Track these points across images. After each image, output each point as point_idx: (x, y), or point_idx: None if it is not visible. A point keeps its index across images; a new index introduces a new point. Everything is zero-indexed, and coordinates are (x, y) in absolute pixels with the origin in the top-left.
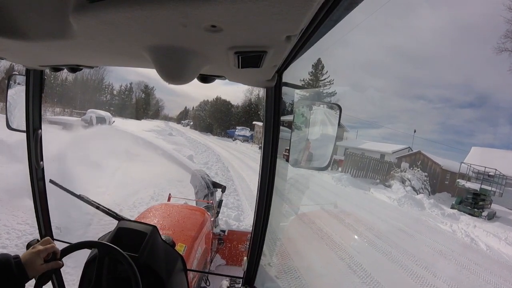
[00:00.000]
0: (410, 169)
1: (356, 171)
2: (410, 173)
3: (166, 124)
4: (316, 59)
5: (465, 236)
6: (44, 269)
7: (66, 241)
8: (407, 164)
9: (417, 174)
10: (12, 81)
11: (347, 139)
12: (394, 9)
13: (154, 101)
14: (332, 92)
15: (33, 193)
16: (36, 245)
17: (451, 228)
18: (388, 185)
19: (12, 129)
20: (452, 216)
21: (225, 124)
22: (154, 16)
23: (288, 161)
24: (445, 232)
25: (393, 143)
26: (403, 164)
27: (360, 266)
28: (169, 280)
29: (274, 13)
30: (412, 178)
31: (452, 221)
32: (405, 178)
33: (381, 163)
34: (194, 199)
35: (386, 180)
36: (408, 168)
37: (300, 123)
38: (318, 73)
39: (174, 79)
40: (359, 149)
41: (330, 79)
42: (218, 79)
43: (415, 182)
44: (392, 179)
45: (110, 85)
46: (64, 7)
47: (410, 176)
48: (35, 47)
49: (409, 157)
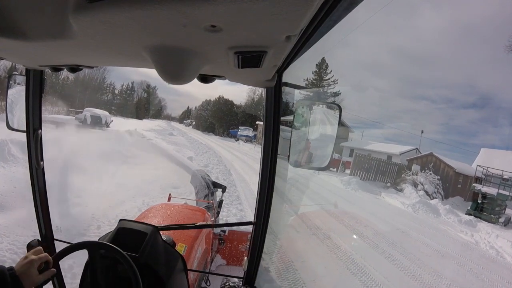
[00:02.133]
0: (422, 172)
1: (365, 173)
2: (423, 177)
3: (168, 124)
4: (317, 59)
5: (489, 248)
6: (40, 279)
7: (66, 241)
8: (418, 166)
9: (430, 178)
10: (12, 81)
11: (352, 139)
12: (397, 9)
13: (156, 101)
14: (336, 92)
15: (33, 193)
16: (28, 254)
17: (473, 238)
18: (400, 189)
19: (12, 129)
20: (469, 223)
21: (228, 124)
22: (154, 16)
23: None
24: (468, 244)
25: (399, 144)
26: (414, 166)
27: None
28: (169, 280)
29: (274, 13)
30: (424, 181)
31: (470, 229)
32: (417, 182)
33: (391, 165)
34: (195, 199)
35: (397, 183)
36: (420, 171)
37: (300, 123)
38: (322, 73)
39: (174, 79)
40: (365, 150)
41: (334, 79)
42: (218, 79)
43: (427, 186)
44: (403, 182)
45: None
46: (64, 7)
47: (423, 179)
48: (35, 47)
49: (420, 159)
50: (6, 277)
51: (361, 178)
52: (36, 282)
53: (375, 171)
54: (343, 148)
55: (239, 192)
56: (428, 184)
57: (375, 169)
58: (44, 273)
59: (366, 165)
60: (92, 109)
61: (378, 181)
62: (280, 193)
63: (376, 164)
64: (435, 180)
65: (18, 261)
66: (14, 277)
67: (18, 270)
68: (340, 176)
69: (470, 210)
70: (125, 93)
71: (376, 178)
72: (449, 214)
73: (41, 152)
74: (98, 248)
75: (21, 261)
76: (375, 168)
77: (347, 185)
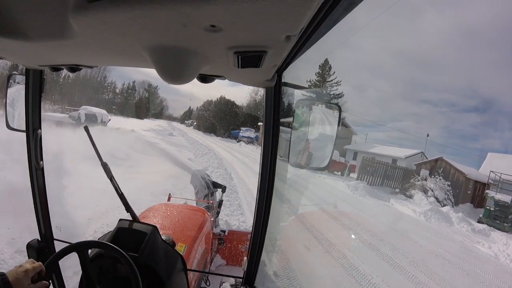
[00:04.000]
0: (431, 177)
1: (372, 178)
2: (432, 182)
3: (169, 124)
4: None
5: (510, 261)
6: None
7: (66, 241)
8: (427, 171)
9: (440, 183)
10: (12, 81)
11: (356, 142)
12: (400, 12)
13: (158, 101)
14: (339, 93)
15: (33, 192)
16: (23, 264)
17: (491, 250)
18: (409, 195)
19: (12, 129)
20: (483, 232)
21: (229, 125)
22: (154, 16)
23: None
24: (489, 258)
25: (400, 147)
26: (422, 171)
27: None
28: (169, 280)
29: (274, 13)
30: (435, 187)
31: (485, 239)
32: (427, 188)
33: (399, 169)
34: (194, 199)
35: (406, 189)
36: (429, 176)
37: (299, 124)
38: (325, 74)
39: (173, 79)
40: (370, 153)
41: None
42: (218, 79)
43: (438, 192)
44: (412, 188)
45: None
46: (64, 7)
47: (433, 185)
48: (35, 47)
49: (429, 163)
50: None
51: (368, 183)
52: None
53: (382, 176)
54: (347, 151)
55: (240, 199)
56: (439, 190)
57: (382, 173)
58: (36, 284)
59: (373, 169)
60: (88, 107)
61: (385, 186)
62: (280, 195)
63: (384, 168)
64: (445, 186)
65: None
66: (6, 283)
67: (11, 277)
68: (347, 180)
69: (483, 218)
70: (126, 92)
71: (383, 183)
72: (462, 223)
73: (40, 152)
74: (85, 248)
75: (15, 269)
76: (382, 172)
77: (354, 191)
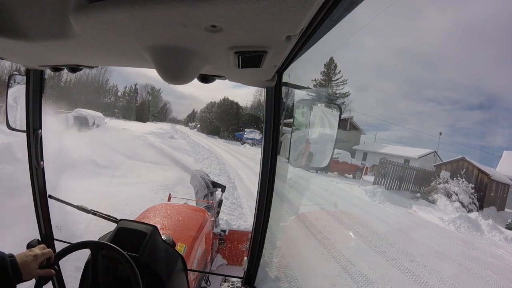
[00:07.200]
0: (453, 179)
1: (389, 181)
2: (456, 185)
3: (172, 127)
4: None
5: None
6: (38, 274)
7: (66, 241)
8: (448, 172)
9: (463, 186)
10: (12, 81)
11: (364, 142)
12: (402, 11)
13: (161, 104)
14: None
15: (33, 192)
16: (34, 249)
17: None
18: (432, 201)
19: (12, 129)
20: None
21: (233, 127)
22: (154, 16)
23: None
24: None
25: (411, 147)
26: (443, 172)
27: None
28: (169, 280)
29: (274, 13)
30: (459, 191)
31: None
32: (450, 191)
33: (418, 171)
34: (194, 199)
35: (427, 193)
36: (450, 177)
37: (300, 124)
38: (331, 73)
39: (174, 79)
40: (380, 153)
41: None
42: (218, 79)
43: (462, 196)
44: (435, 192)
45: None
46: (64, 7)
47: (457, 188)
48: (35, 47)
49: (450, 164)
50: (7, 265)
51: (386, 187)
52: (33, 275)
53: (400, 179)
54: (356, 152)
55: (246, 217)
56: (463, 193)
57: (400, 176)
58: (43, 269)
59: (391, 172)
60: (81, 110)
61: (404, 190)
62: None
63: (401, 170)
64: (469, 189)
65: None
66: (15, 266)
67: (19, 259)
68: (363, 185)
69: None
70: (128, 96)
71: (401, 186)
72: (493, 231)
73: (41, 152)
74: (98, 248)
75: (25, 252)
76: (399, 174)
77: (372, 196)
